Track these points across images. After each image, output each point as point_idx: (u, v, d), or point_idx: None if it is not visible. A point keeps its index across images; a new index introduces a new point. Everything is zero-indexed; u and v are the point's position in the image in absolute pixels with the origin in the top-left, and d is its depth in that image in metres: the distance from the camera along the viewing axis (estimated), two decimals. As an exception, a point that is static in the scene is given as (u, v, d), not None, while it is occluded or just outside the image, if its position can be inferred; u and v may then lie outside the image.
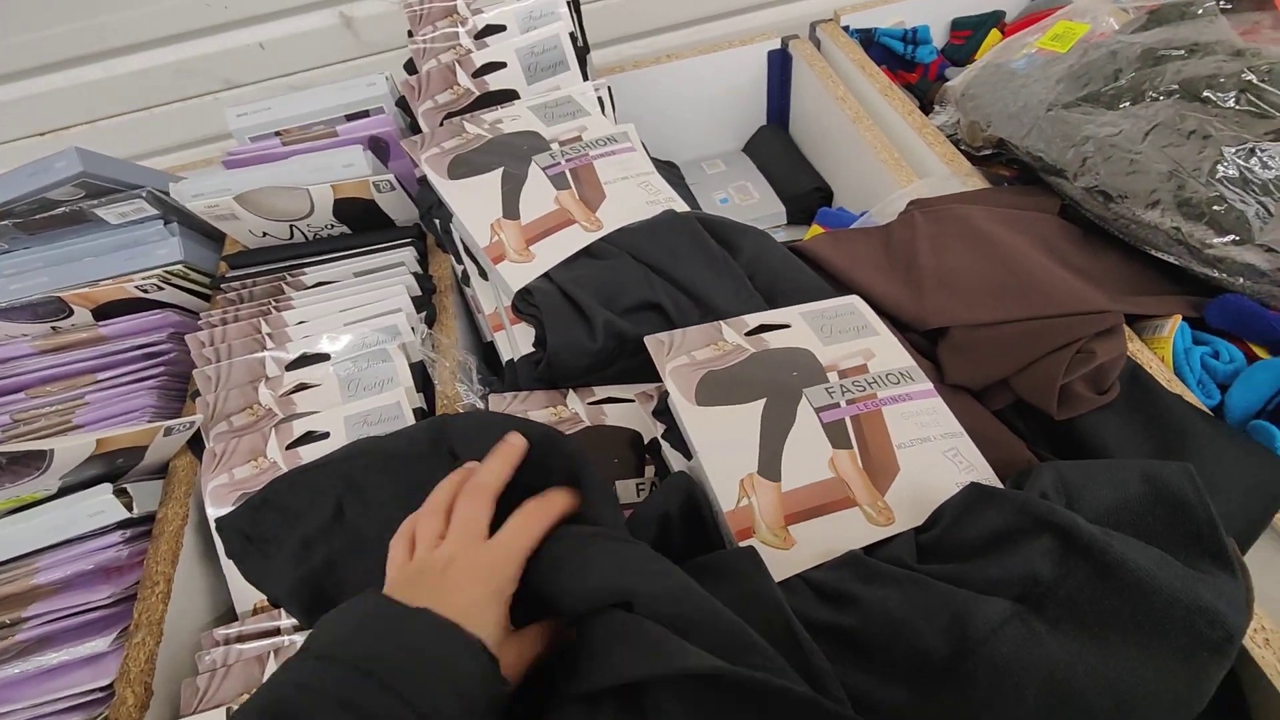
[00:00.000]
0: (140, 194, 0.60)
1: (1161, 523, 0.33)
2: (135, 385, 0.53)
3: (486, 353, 0.62)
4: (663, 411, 0.43)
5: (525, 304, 0.49)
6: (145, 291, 0.58)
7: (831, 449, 0.39)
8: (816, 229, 0.65)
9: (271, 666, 0.43)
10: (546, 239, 0.51)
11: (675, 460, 0.43)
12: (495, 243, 0.51)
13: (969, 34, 0.84)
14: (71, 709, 0.41)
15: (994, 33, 0.83)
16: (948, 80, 0.81)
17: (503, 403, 0.48)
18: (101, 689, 0.41)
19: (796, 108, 0.85)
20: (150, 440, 0.45)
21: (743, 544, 0.35)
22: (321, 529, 0.40)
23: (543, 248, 0.51)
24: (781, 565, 0.35)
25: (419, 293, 0.56)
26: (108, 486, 0.45)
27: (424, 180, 0.57)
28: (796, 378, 0.42)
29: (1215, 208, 0.45)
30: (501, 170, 0.55)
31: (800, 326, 0.45)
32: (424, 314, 0.55)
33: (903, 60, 0.83)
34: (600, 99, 0.64)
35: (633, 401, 0.48)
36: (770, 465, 0.39)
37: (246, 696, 0.42)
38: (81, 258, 0.61)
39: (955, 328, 0.47)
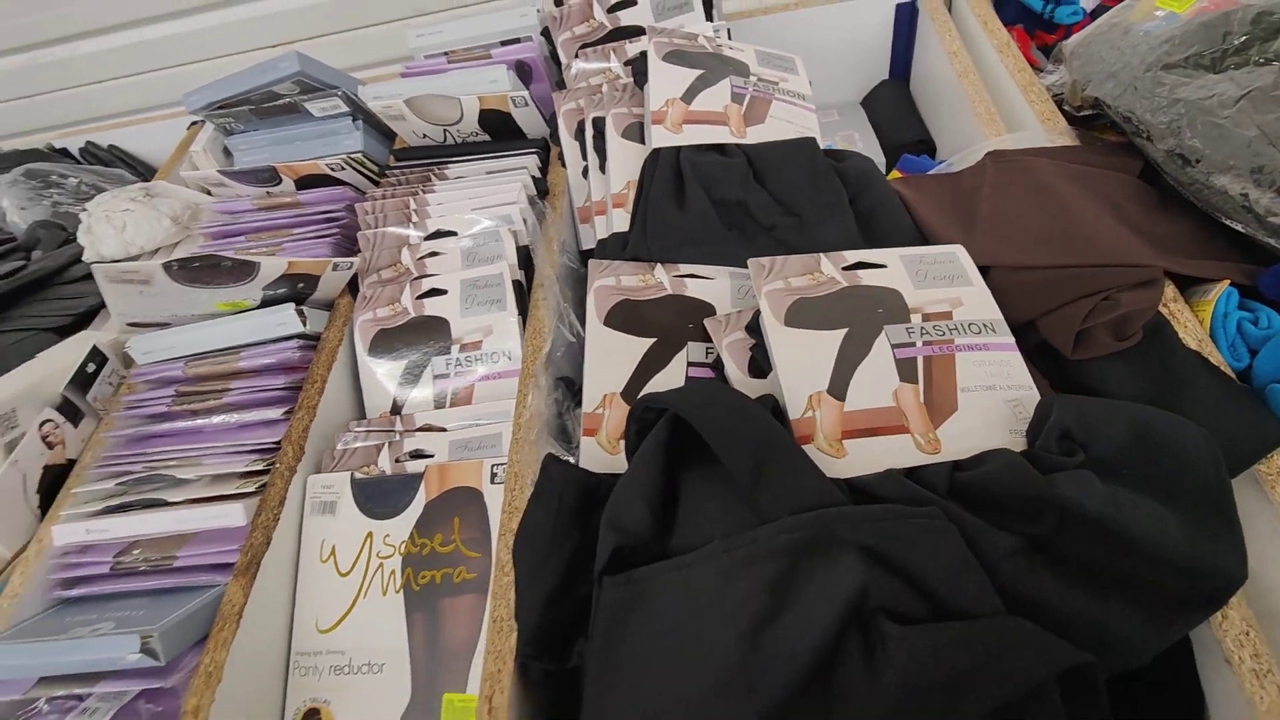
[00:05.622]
0: (337, 93, 0.75)
1: (1170, 470, 0.35)
2: (318, 240, 0.69)
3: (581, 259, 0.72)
4: (754, 328, 0.49)
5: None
6: (333, 170, 0.74)
7: (898, 381, 0.43)
8: (895, 174, 0.68)
9: (385, 455, 0.57)
10: (697, 126, 0.59)
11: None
12: (661, 111, 0.59)
13: (1123, -6, 0.80)
14: (253, 452, 0.57)
15: (1149, -5, 0.78)
16: (1086, 44, 0.78)
17: (599, 268, 0.54)
18: (274, 444, 0.57)
19: (918, 63, 0.86)
20: (322, 271, 0.60)
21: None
22: None
23: (691, 128, 0.59)
24: (830, 471, 0.38)
25: (534, 192, 0.67)
26: (291, 305, 0.61)
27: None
28: (880, 315, 0.46)
29: (1287, 176, 0.44)
30: (700, 72, 0.62)
31: (896, 268, 0.49)
32: (536, 208, 0.66)
33: (1042, 20, 0.81)
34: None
35: (713, 279, 0.53)
36: (838, 386, 0.43)
37: (367, 468, 0.57)
38: (292, 141, 0.78)
39: (995, 268, 0.50)
